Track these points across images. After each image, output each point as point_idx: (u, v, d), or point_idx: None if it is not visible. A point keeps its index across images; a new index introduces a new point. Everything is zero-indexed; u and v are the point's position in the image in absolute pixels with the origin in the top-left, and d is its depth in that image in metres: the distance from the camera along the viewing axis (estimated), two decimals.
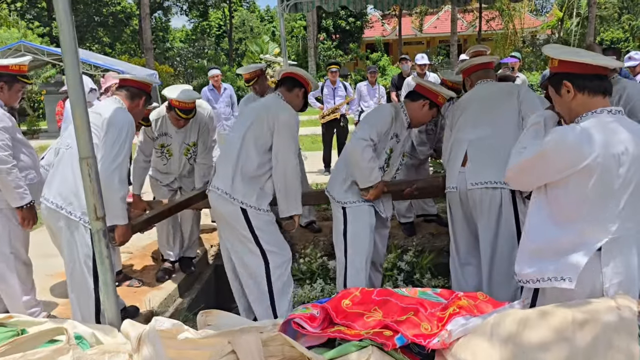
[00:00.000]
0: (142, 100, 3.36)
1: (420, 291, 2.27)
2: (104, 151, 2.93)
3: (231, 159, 3.25)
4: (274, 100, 3.40)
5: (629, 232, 1.95)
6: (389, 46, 33.33)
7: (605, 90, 1.98)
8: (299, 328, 2.09)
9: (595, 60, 1.96)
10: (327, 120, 8.39)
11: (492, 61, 3.70)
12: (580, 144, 1.89)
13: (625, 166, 1.89)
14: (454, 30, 24.92)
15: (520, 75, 8.89)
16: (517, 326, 1.88)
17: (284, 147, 3.23)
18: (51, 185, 3.10)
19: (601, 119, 1.94)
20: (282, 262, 3.29)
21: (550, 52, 2.10)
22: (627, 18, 28.11)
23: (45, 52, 14.73)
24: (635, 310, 1.79)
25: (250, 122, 3.31)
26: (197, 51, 30.85)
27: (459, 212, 3.33)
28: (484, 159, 3.17)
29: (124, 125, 3.01)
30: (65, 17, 2.28)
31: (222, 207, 3.26)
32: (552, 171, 1.96)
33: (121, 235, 3.05)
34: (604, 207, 1.92)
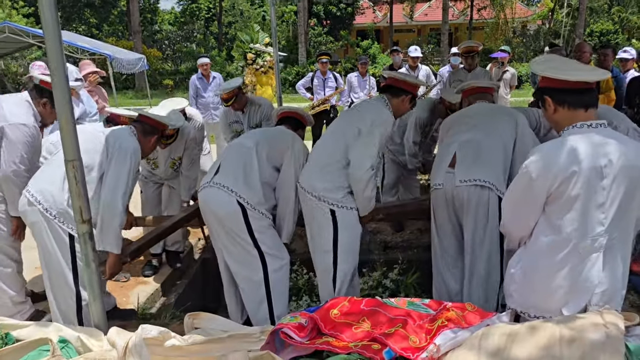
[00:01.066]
0: (155, 138, 3.43)
1: (409, 301, 2.27)
2: (111, 176, 3.01)
3: (240, 163, 3.20)
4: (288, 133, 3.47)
5: (613, 242, 1.97)
6: (380, 33, 33.17)
7: (586, 104, 1.99)
8: (286, 338, 2.08)
9: (572, 77, 1.97)
10: (317, 111, 8.34)
11: (493, 87, 3.71)
12: (558, 159, 1.91)
13: (609, 178, 1.90)
14: (445, 19, 24.79)
15: (509, 69, 8.92)
16: (506, 341, 1.89)
17: (289, 178, 3.29)
18: (38, 179, 3.08)
19: (582, 133, 1.96)
20: (281, 266, 3.22)
21: (535, 69, 2.12)
22: (617, 10, 28.19)
23: (30, 34, 14.40)
24: (622, 328, 1.81)
25: (266, 137, 3.36)
26: (186, 35, 30.41)
27: (443, 213, 3.24)
28: (473, 159, 3.13)
29: (133, 154, 3.10)
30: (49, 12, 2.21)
31: (219, 206, 3.11)
32: (539, 193, 1.97)
33: (112, 266, 3.09)
34: (592, 221, 1.93)
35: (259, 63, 7.78)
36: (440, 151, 3.40)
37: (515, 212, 2.10)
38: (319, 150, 3.33)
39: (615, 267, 1.99)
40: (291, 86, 20.88)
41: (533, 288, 2.08)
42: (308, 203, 3.19)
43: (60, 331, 2.47)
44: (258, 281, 3.18)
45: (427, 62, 20.45)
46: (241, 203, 3.07)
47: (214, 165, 3.38)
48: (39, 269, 4.47)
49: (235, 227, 3.10)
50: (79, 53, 15.08)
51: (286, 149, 3.30)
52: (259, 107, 5.11)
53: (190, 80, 8.32)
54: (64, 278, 3.03)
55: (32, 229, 3.08)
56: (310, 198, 3.15)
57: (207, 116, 8.26)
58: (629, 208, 1.96)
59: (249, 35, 7.83)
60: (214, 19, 34.71)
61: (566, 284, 1.99)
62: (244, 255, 3.16)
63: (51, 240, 3.00)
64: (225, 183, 3.12)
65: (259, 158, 3.22)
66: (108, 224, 3.00)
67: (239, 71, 10.38)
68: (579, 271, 1.96)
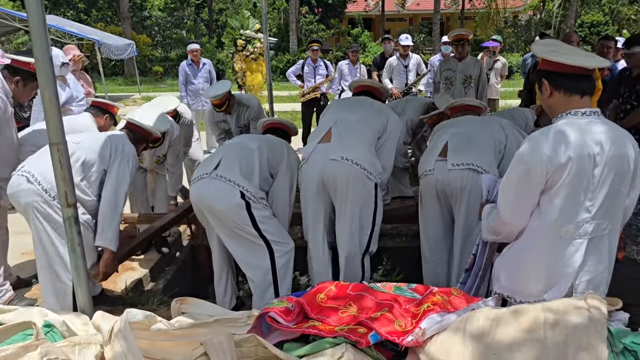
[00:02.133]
0: (142, 145, 3.68)
1: (396, 286, 2.28)
2: (115, 177, 3.19)
3: (243, 160, 3.23)
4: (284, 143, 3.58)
5: (604, 231, 1.98)
6: (372, 22, 33.01)
7: (583, 90, 1.98)
8: (273, 322, 2.08)
9: (571, 61, 1.95)
10: (307, 99, 8.31)
11: (481, 107, 3.78)
12: (552, 147, 1.91)
13: (600, 166, 1.91)
14: (437, 8, 24.68)
15: (500, 58, 8.93)
16: (490, 325, 1.90)
17: (284, 186, 3.38)
18: (37, 162, 3.11)
19: (575, 121, 1.95)
20: (287, 251, 3.24)
21: (536, 50, 2.10)
22: (607, 1, 28.23)
23: (16, 17, 14.17)
24: (605, 312, 1.82)
25: (266, 143, 3.43)
26: (176, 21, 30.00)
27: (433, 199, 3.25)
28: (465, 146, 3.16)
29: (133, 158, 3.33)
30: None
31: (221, 200, 3.08)
32: (537, 181, 1.96)
33: (107, 264, 3.17)
34: (579, 207, 1.94)
35: (249, 50, 7.71)
36: (431, 143, 3.42)
37: (515, 204, 2.05)
38: (357, 126, 3.36)
39: (602, 255, 2.01)
40: (282, 74, 20.75)
41: (519, 273, 2.09)
42: (351, 177, 3.18)
43: (45, 316, 2.45)
44: (266, 268, 3.21)
45: (419, 51, 20.39)
46: (244, 193, 3.08)
47: (210, 159, 3.38)
48: (25, 255, 4.45)
49: (239, 220, 3.10)
50: (66, 38, 14.90)
51: (282, 158, 3.41)
52: (247, 108, 5.05)
53: (180, 67, 8.27)
54: (61, 261, 3.05)
55: (25, 211, 3.08)
56: (356, 170, 3.17)
57: (196, 103, 8.24)
58: (617, 197, 1.97)
59: (239, 21, 7.74)
60: (205, 6, 34.28)
61: (549, 269, 2.00)
62: (249, 246, 3.18)
63: (48, 222, 3.03)
64: (228, 175, 3.12)
65: (260, 160, 3.28)
66: (109, 222, 3.13)
67: (229, 58, 10.31)
68: (561, 256, 1.97)
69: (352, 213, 3.25)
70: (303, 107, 8.51)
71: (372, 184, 3.23)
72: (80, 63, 6.11)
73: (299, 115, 9.09)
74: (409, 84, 7.99)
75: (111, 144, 3.28)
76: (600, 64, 2.03)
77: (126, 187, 3.24)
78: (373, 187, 3.25)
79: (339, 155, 3.18)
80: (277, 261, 3.20)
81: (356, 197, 3.22)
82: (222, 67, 21.61)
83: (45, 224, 3.04)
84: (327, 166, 3.21)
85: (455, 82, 6.11)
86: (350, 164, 3.16)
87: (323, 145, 3.32)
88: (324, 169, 3.23)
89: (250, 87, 7.99)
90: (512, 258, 2.12)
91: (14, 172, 3.14)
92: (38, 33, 2.22)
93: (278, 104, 11.76)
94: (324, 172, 3.23)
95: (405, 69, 8.04)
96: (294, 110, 12.71)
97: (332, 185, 3.23)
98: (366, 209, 3.28)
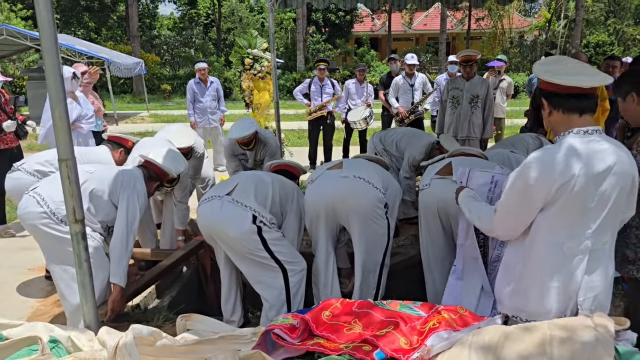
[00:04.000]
0: (156, 184, 3.68)
1: (401, 304, 2.27)
2: (126, 214, 3.23)
3: (258, 190, 3.28)
4: (294, 186, 3.65)
5: (605, 246, 1.99)
6: (378, 42, 33.32)
7: (582, 109, 1.98)
8: (278, 339, 2.08)
9: (565, 81, 1.96)
10: (314, 118, 8.36)
11: (481, 156, 3.75)
12: (552, 167, 1.91)
13: (604, 184, 1.91)
14: (443, 28, 24.95)
15: (506, 77, 8.97)
16: (497, 341, 1.89)
17: (292, 227, 3.45)
18: (48, 185, 3.23)
19: (577, 139, 1.96)
20: (300, 270, 3.25)
21: (535, 70, 2.12)
22: (612, 22, 28.39)
23: (28, 36, 14.41)
24: (612, 331, 1.81)
25: (280, 181, 3.49)
26: (184, 40, 30.40)
27: (434, 217, 3.25)
28: (469, 164, 3.17)
29: (145, 196, 3.38)
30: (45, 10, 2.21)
31: (232, 225, 3.09)
32: (536, 199, 1.96)
33: (115, 301, 3.17)
34: (582, 224, 1.94)
35: (256, 68, 7.79)
36: (434, 164, 3.49)
37: (507, 216, 2.07)
38: (368, 164, 3.61)
39: (603, 269, 2.00)
40: (289, 92, 20.92)
41: (523, 292, 2.08)
42: (362, 193, 3.28)
43: (51, 331, 2.45)
44: (280, 288, 3.21)
45: (425, 70, 20.55)
46: (255, 217, 3.10)
47: (225, 183, 3.43)
48: (32, 271, 4.47)
49: (250, 245, 3.11)
50: (76, 56, 15.10)
51: (292, 199, 3.46)
52: (265, 145, 5.02)
53: (188, 85, 8.36)
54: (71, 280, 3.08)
55: (33, 230, 3.17)
56: (368, 186, 3.29)
57: (204, 120, 8.29)
58: (617, 213, 1.98)
59: (247, 40, 7.83)
60: (213, 25, 34.80)
61: (553, 286, 1.99)
62: (262, 267, 3.19)
63: (57, 241, 3.09)
64: (243, 200, 3.16)
65: (273, 194, 3.34)
66: (119, 259, 3.17)
67: (236, 76, 10.40)
68: (565, 272, 1.97)
69: (365, 232, 3.31)
70: (310, 126, 8.56)
71: (382, 202, 3.29)
72: (97, 76, 6.18)
73: (306, 134, 9.14)
74: (415, 102, 8.04)
75: (123, 178, 3.34)
76: (599, 83, 2.02)
77: (136, 223, 3.28)
78: (384, 205, 3.30)
79: (350, 174, 3.31)
80: (291, 280, 3.21)
81: (368, 214, 3.26)
82: (230, 86, 21.83)
83: (53, 242, 3.12)
84: (339, 182, 3.30)
85: (462, 101, 6.15)
86: (363, 181, 3.27)
87: (333, 170, 3.47)
88: (336, 185, 3.31)
89: (258, 106, 8.04)
90: (515, 277, 2.11)
91: (26, 192, 3.22)
92: (49, 51, 2.27)
93: (285, 122, 11.82)
94: (336, 188, 3.30)
95: (411, 87, 8.08)
96: (300, 128, 12.77)
97: (343, 201, 3.28)
98: (379, 226, 3.31)
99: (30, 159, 4.13)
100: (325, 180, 3.40)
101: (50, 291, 4.07)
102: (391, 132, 5.53)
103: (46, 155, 4.14)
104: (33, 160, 4.07)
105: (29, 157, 4.20)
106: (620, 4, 27.92)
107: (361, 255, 3.35)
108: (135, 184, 3.35)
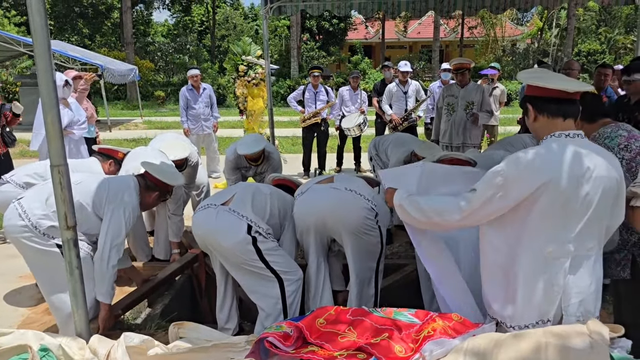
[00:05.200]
0: (156, 194, 3.43)
1: (395, 311, 2.25)
2: (109, 229, 3.07)
3: (255, 201, 3.27)
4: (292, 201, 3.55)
5: (589, 252, 1.98)
6: (372, 49, 33.49)
7: (565, 113, 2.00)
8: (271, 347, 2.06)
9: (550, 84, 1.99)
10: (308, 125, 8.36)
11: (471, 162, 3.75)
12: (533, 166, 1.92)
13: (585, 187, 1.91)
14: (436, 36, 25.13)
15: (499, 85, 9.02)
16: (491, 348, 1.88)
17: (291, 240, 3.43)
18: (30, 196, 3.17)
19: (560, 142, 1.97)
20: (296, 280, 3.23)
21: (520, 77, 2.16)
22: (604, 30, 28.68)
23: (21, 42, 14.37)
24: (607, 338, 1.80)
25: (278, 194, 3.49)
26: (178, 47, 30.36)
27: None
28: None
29: (132, 210, 3.18)
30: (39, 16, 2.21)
31: (227, 235, 3.07)
32: (511, 198, 1.96)
33: (104, 319, 3.12)
34: (564, 228, 1.94)
35: (250, 75, 7.79)
36: None
37: (483, 209, 2.03)
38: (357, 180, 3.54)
39: (589, 275, 2.00)
40: (283, 99, 20.95)
41: (509, 297, 2.07)
42: (353, 204, 3.22)
43: (41, 339, 2.42)
44: (276, 297, 3.19)
45: (418, 77, 20.63)
46: (251, 227, 3.08)
47: (222, 193, 3.42)
48: (22, 279, 4.42)
49: (245, 256, 3.09)
50: (70, 63, 15.06)
51: (289, 215, 3.43)
52: (268, 159, 4.97)
53: (181, 92, 8.31)
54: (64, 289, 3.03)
55: (16, 243, 3.13)
56: (359, 198, 3.24)
57: (197, 128, 8.23)
58: (602, 218, 1.98)
59: (241, 47, 7.84)
60: (207, 32, 34.84)
61: (537, 290, 1.98)
62: (258, 277, 3.17)
63: (41, 254, 3.06)
64: (239, 210, 3.15)
65: (271, 207, 3.33)
66: (101, 276, 3.07)
67: (230, 83, 10.45)
68: (548, 276, 1.96)
69: (359, 246, 3.26)
70: (304, 133, 8.57)
71: (373, 212, 3.24)
72: (91, 81, 6.15)
73: (300, 141, 9.15)
74: (409, 110, 8.06)
75: (109, 190, 3.18)
76: (583, 88, 2.06)
77: (120, 238, 3.11)
78: (374, 215, 3.26)
79: (342, 186, 3.27)
80: (287, 289, 3.19)
81: (360, 227, 3.21)
82: (224, 92, 21.82)
83: (35, 254, 3.08)
84: (330, 193, 3.27)
85: (457, 108, 6.17)
86: (354, 194, 3.23)
87: (324, 184, 3.43)
88: (327, 197, 3.26)
89: (252, 112, 8.04)
90: (497, 282, 2.11)
91: (14, 200, 3.19)
92: (43, 58, 2.26)
93: (279, 129, 11.83)
94: (327, 200, 3.25)
95: (404, 95, 8.11)
96: (294, 135, 12.78)
97: (333, 214, 3.23)
98: (372, 237, 3.27)
99: (20, 170, 4.10)
100: (315, 192, 3.35)
101: (40, 299, 4.01)
102: (384, 139, 5.54)
103: (36, 167, 4.10)
104: (22, 172, 4.04)
105: (19, 169, 4.16)
106: (611, 13, 28.21)
107: (355, 267, 3.31)
108: (123, 196, 3.17)
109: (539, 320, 1.99)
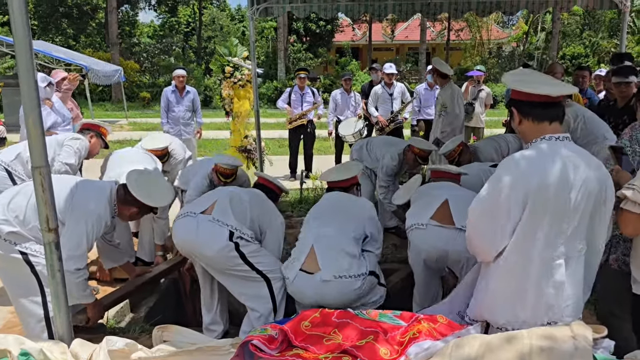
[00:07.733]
0: (134, 210, 3.20)
1: (381, 313, 2.25)
2: (66, 236, 2.86)
3: (234, 208, 3.22)
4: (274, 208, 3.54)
5: (580, 252, 2.00)
6: (359, 51, 33.54)
7: (551, 117, 2.02)
8: (256, 350, 2.04)
9: (534, 90, 2.00)
10: (294, 126, 8.34)
11: (459, 175, 3.74)
12: (530, 170, 1.94)
13: (575, 190, 1.93)
14: (423, 39, 25.29)
15: (485, 88, 9.08)
16: (476, 351, 1.88)
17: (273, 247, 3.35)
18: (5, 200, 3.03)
19: (548, 146, 1.99)
20: (282, 277, 3.19)
21: (505, 80, 2.18)
22: (587, 34, 29.05)
23: (4, 42, 14.19)
24: (590, 340, 1.82)
25: (258, 200, 3.43)
26: (164, 48, 30.16)
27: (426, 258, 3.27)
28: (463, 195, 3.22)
29: (96, 221, 2.97)
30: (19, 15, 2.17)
31: (207, 245, 3.05)
32: (511, 204, 1.97)
33: (92, 315, 3.14)
34: (554, 230, 1.95)
35: (236, 76, 7.74)
36: (422, 200, 3.48)
37: (481, 222, 2.07)
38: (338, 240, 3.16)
39: (579, 276, 2.01)
40: (269, 101, 20.90)
41: (504, 300, 2.08)
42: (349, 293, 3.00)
43: (22, 344, 2.37)
44: (266, 297, 3.17)
45: (405, 80, 20.74)
46: (232, 232, 3.07)
47: (201, 200, 3.38)
48: None
49: (229, 262, 3.09)
50: (54, 63, 14.90)
51: (271, 221, 3.38)
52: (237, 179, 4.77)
53: (163, 92, 7.99)
54: (31, 295, 2.98)
55: None
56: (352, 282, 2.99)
57: (175, 131, 7.84)
58: (592, 219, 2.00)
59: (227, 49, 7.78)
60: (194, 33, 34.67)
61: (526, 294, 1.99)
62: (245, 280, 3.15)
63: (1, 259, 2.95)
64: (222, 219, 3.13)
65: (252, 213, 3.28)
66: (69, 283, 2.75)
67: (216, 84, 10.39)
68: (543, 278, 1.97)
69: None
70: (290, 134, 8.54)
71: (363, 288, 3.00)
72: (76, 82, 6.07)
73: (286, 142, 9.12)
74: (394, 111, 8.07)
75: (75, 196, 2.99)
76: (566, 92, 2.10)
77: (80, 250, 2.91)
78: (367, 291, 3.06)
79: (330, 275, 2.95)
80: (274, 287, 3.18)
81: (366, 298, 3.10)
82: (210, 94, 21.73)
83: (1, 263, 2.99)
84: (322, 288, 2.95)
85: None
86: (345, 278, 2.95)
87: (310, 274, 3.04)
88: (320, 292, 2.96)
89: (238, 114, 7.98)
90: (489, 284, 2.11)
91: None
92: (24, 57, 2.21)
93: (265, 131, 11.78)
94: (320, 296, 2.96)
95: (390, 97, 8.12)
96: (281, 137, 12.74)
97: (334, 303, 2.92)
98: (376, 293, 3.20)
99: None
100: (306, 286, 3.01)
101: None
102: (370, 141, 5.53)
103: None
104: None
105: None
106: (595, 17, 28.58)
107: None
108: (88, 204, 2.97)
109: (532, 321, 2.00)
